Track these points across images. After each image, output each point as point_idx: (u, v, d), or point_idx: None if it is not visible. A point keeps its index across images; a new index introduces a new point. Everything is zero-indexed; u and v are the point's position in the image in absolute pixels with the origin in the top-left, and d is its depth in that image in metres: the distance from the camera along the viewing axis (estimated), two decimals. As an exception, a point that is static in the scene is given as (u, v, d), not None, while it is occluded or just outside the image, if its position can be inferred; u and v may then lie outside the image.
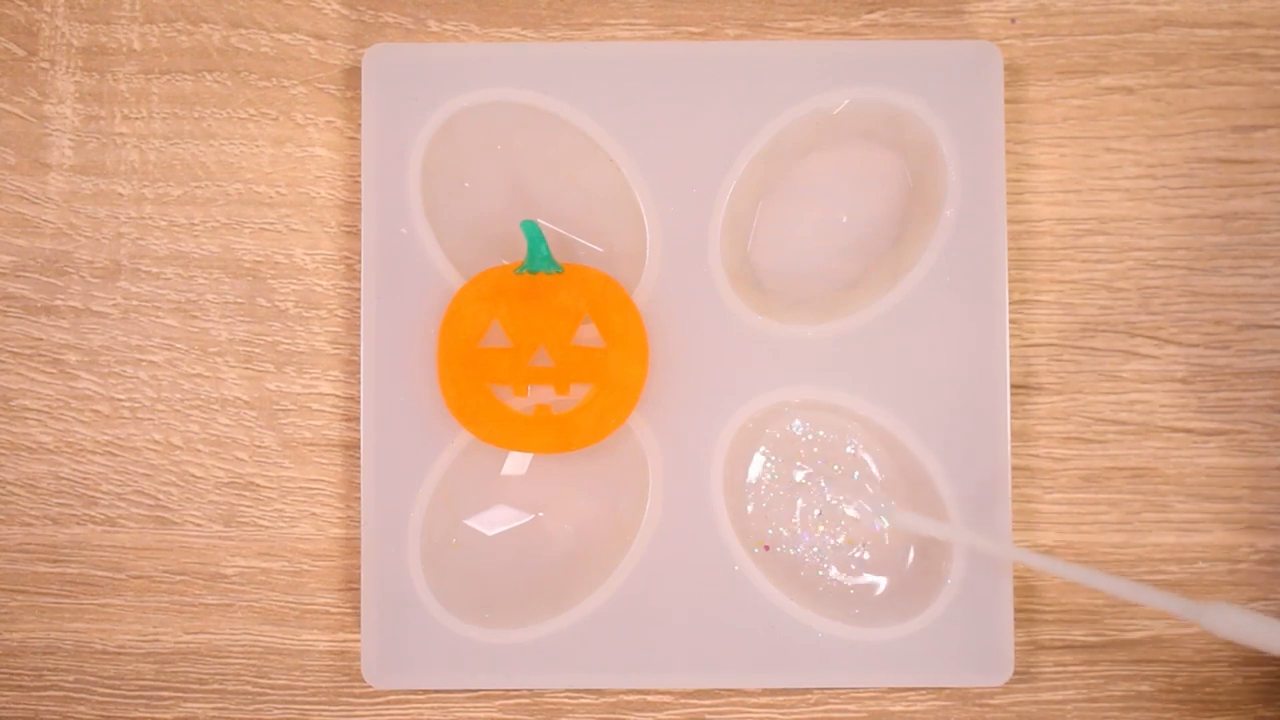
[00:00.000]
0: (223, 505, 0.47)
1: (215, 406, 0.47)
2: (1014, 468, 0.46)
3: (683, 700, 0.47)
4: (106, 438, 0.47)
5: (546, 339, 0.44)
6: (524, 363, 0.45)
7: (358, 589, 0.46)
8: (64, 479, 0.47)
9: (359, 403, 0.46)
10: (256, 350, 0.47)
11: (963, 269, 0.45)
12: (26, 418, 0.47)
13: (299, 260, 0.47)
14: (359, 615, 0.46)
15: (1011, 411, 0.46)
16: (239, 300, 0.47)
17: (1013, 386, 0.46)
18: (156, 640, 0.47)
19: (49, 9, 0.47)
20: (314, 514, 0.47)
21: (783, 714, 0.47)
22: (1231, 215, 0.47)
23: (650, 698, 0.47)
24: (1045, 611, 0.47)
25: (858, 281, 0.47)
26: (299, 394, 0.47)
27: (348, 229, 0.47)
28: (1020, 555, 0.44)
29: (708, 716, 0.47)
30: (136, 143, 0.47)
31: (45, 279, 0.47)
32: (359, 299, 0.46)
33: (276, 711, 0.47)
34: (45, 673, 0.47)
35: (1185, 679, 0.47)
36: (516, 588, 0.46)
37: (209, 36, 0.47)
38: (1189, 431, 0.47)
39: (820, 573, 0.46)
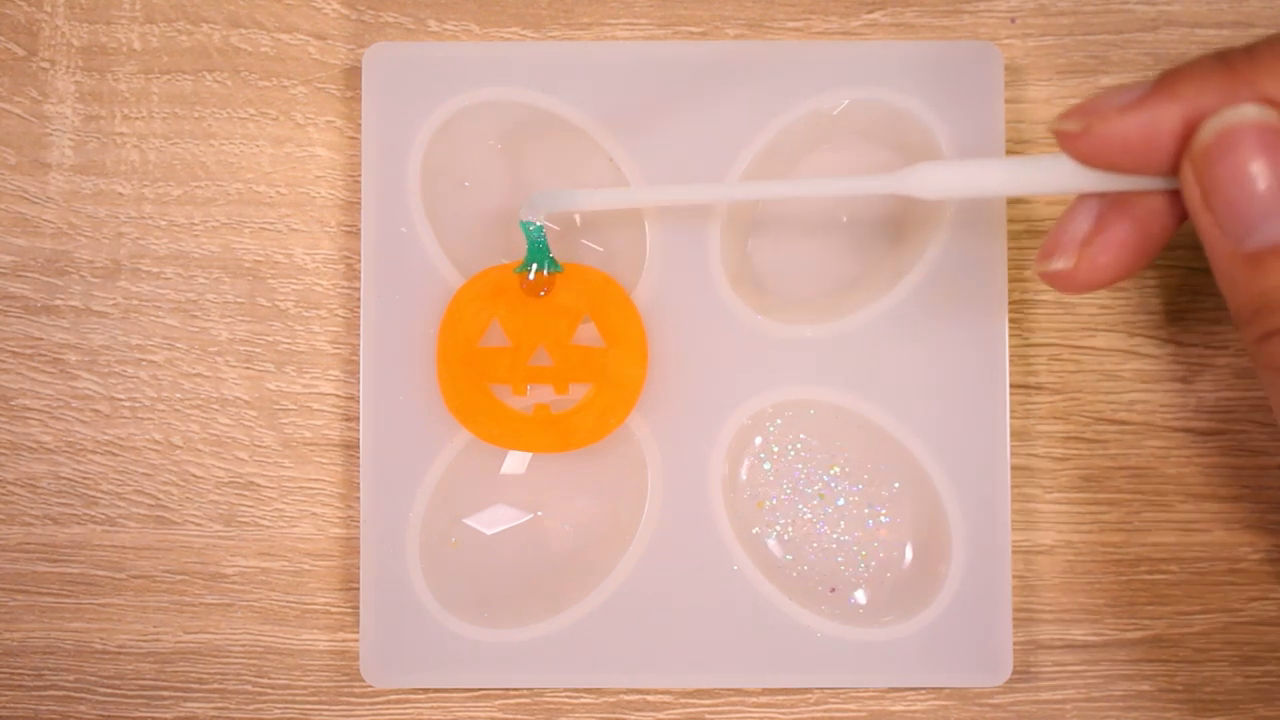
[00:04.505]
0: (223, 505, 0.47)
1: (215, 406, 0.47)
2: (1014, 467, 0.46)
3: (683, 700, 0.47)
4: (107, 437, 0.47)
5: (546, 338, 0.45)
6: (523, 362, 0.45)
7: (358, 588, 0.46)
8: (64, 479, 0.47)
9: (359, 402, 0.46)
10: (256, 350, 0.47)
11: (963, 269, 0.45)
12: (27, 417, 0.47)
13: (299, 260, 0.47)
14: (359, 615, 0.46)
15: (1011, 411, 0.46)
16: (239, 300, 0.47)
17: (1013, 386, 0.46)
18: (156, 640, 0.47)
19: (49, 9, 0.47)
20: (314, 514, 0.47)
21: (783, 714, 0.47)
22: (1231, 215, 0.46)
23: (650, 697, 0.47)
24: (1044, 611, 0.47)
25: (858, 281, 0.47)
26: (299, 394, 0.47)
27: (348, 229, 0.47)
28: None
29: (707, 716, 0.47)
30: (136, 142, 0.47)
31: (45, 279, 0.47)
32: (359, 299, 0.46)
33: (276, 711, 0.47)
34: (45, 672, 0.47)
35: (1185, 679, 0.46)
36: (516, 587, 0.46)
37: (209, 36, 0.47)
38: (1189, 431, 0.46)
39: (821, 572, 0.46)
